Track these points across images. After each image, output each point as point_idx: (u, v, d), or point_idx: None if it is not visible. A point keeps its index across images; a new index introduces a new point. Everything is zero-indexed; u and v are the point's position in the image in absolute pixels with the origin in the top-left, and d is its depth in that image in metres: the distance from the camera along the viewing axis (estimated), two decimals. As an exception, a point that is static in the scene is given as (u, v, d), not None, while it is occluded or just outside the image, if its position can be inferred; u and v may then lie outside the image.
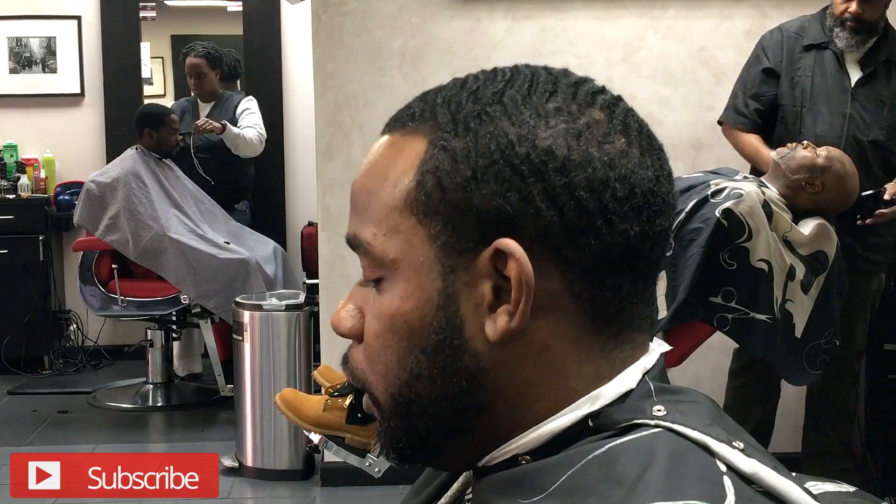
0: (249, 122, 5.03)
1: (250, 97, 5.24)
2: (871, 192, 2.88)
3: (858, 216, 2.84)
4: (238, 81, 5.49)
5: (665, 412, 0.64)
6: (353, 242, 0.70)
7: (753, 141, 3.16)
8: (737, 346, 3.21)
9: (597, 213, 0.65)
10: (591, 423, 0.66)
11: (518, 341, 0.66)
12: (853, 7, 3.06)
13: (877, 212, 2.91)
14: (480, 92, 0.68)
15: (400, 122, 0.70)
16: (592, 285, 0.66)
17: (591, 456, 0.63)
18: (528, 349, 0.67)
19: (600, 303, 0.67)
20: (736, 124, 3.21)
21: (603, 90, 0.70)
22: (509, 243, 0.64)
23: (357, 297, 0.72)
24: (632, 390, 0.67)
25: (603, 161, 0.65)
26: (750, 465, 0.62)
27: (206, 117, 4.94)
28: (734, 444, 0.63)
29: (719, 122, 3.29)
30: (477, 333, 0.67)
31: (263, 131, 5.08)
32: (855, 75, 3.13)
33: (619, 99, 0.70)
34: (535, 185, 0.64)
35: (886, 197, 2.91)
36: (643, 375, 0.68)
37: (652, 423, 0.64)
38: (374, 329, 0.70)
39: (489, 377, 0.67)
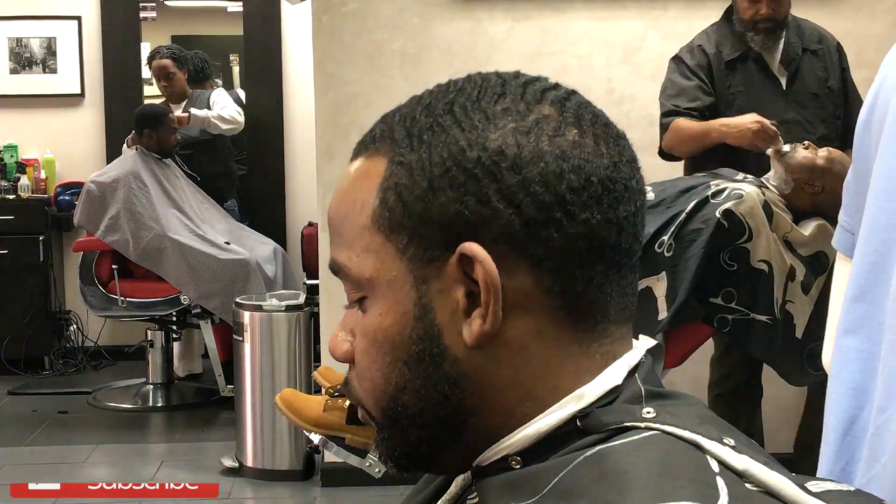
0: (222, 104, 5.11)
1: (220, 89, 5.31)
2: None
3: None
4: (207, 82, 5.50)
5: (655, 414, 0.65)
6: (335, 268, 0.72)
7: (694, 123, 2.96)
8: (713, 356, 3.18)
9: (555, 205, 0.65)
10: (579, 424, 0.66)
11: (496, 343, 0.67)
12: (763, 10, 2.98)
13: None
14: (433, 105, 0.69)
15: (364, 146, 0.72)
16: (562, 279, 0.66)
17: (582, 458, 0.63)
18: (507, 350, 0.67)
19: (573, 296, 0.67)
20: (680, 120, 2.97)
21: (555, 87, 0.71)
22: (472, 246, 0.65)
23: (348, 321, 0.73)
24: (618, 387, 0.67)
25: (555, 154, 0.66)
26: (741, 462, 0.62)
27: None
28: (725, 440, 0.63)
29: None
30: (456, 340, 0.67)
31: (240, 108, 5.17)
32: (782, 77, 3.06)
33: (571, 93, 0.70)
34: (490, 187, 0.65)
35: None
36: (633, 375, 0.68)
37: (642, 425, 0.64)
38: (361, 347, 0.71)
39: (472, 381, 0.68)
